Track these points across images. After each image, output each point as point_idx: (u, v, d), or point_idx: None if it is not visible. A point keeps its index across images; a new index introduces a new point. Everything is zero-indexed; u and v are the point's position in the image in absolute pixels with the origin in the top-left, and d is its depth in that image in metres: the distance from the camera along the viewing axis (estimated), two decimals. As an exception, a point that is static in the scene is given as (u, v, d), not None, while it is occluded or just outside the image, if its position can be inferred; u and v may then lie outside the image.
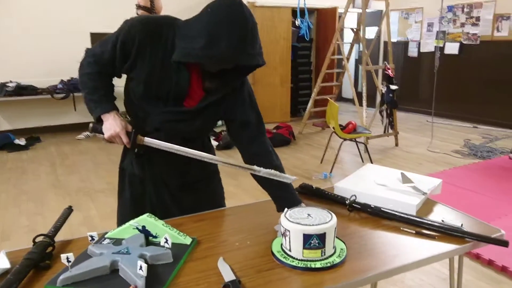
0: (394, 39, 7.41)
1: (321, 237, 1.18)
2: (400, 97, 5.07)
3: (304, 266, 1.18)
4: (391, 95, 4.98)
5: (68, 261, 1.07)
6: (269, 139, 1.58)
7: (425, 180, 1.72)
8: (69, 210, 1.47)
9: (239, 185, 3.76)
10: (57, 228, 1.35)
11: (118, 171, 1.66)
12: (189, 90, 1.42)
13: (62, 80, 6.04)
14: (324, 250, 1.20)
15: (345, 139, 4.14)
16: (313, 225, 1.18)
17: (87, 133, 5.86)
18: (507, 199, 3.41)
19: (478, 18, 6.46)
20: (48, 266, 1.18)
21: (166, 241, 1.19)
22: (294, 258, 1.20)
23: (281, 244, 1.27)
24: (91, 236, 1.26)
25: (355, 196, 1.57)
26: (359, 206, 1.54)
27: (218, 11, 1.24)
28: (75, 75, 6.28)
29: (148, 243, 1.28)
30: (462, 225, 1.41)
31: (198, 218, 1.51)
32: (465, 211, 1.57)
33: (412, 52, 7.74)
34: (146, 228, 1.31)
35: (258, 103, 1.57)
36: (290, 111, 7.30)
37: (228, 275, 1.13)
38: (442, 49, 7.03)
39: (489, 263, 2.46)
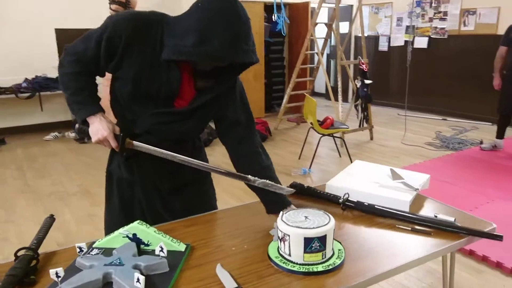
0: (365, 33, 7.50)
1: (322, 240, 1.15)
2: (372, 91, 5.14)
3: (306, 270, 1.14)
4: (365, 89, 5.04)
5: (58, 276, 1.00)
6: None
7: (414, 176, 1.73)
8: (50, 220, 1.38)
9: (218, 184, 3.71)
10: (39, 240, 1.26)
11: (104, 174, 1.57)
12: (180, 90, 1.35)
13: (26, 79, 5.76)
14: (325, 252, 1.17)
15: (323, 135, 4.15)
16: (313, 228, 1.15)
17: (56, 133, 5.63)
18: (482, 190, 3.51)
19: (445, 13, 6.63)
20: (33, 282, 1.10)
21: (162, 250, 1.13)
22: (294, 262, 1.17)
23: (278, 248, 1.23)
24: (79, 248, 1.18)
25: (348, 194, 1.56)
26: (353, 204, 1.53)
27: (210, 6, 1.19)
28: (40, 73, 6.09)
29: (140, 252, 1.22)
30: (455, 220, 1.42)
31: (189, 222, 1.46)
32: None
33: (383, 46, 7.87)
34: (138, 236, 1.24)
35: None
36: (265, 107, 7.27)
37: (229, 283, 1.08)
38: (411, 43, 7.18)
39: (483, 259, 2.49)
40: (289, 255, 1.18)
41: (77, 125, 1.38)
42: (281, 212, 1.25)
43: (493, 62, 4.53)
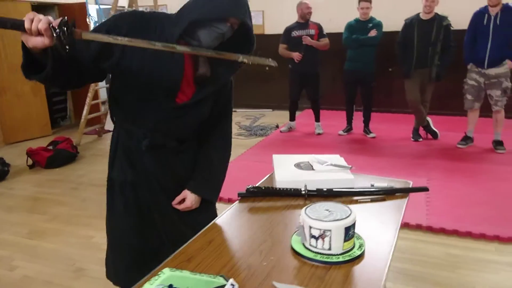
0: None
1: (354, 226, 1.25)
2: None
3: (348, 258, 1.21)
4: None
5: None
6: (51, 158, 1.65)
7: (332, 158, 1.98)
8: None
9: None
10: None
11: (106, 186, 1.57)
12: (181, 86, 1.38)
13: None
14: (355, 237, 1.27)
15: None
16: (346, 217, 1.23)
17: None
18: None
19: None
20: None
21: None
22: (334, 255, 1.22)
23: (308, 247, 1.25)
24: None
25: (306, 185, 1.67)
26: (315, 193, 1.65)
27: None
28: None
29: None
30: (387, 185, 1.74)
31: (201, 243, 1.30)
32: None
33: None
34: (174, 287, 1.03)
35: (7, 118, 1.66)
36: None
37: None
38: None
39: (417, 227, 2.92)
40: (329, 249, 1.22)
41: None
42: (304, 214, 1.26)
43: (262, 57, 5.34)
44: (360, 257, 1.23)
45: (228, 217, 1.55)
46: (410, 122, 5.29)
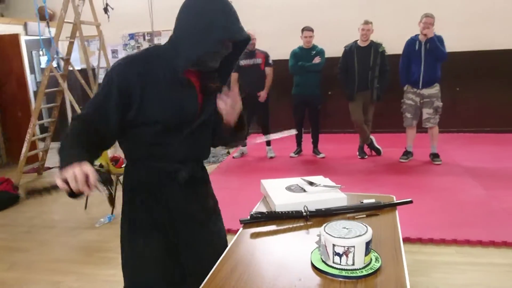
0: (77, 66, 7.21)
1: (371, 240, 1.35)
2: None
3: (371, 271, 1.30)
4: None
5: None
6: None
7: (317, 179, 2.09)
8: None
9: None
10: None
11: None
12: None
13: None
14: (371, 251, 1.37)
15: (120, 174, 3.87)
16: (365, 233, 1.33)
17: None
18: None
19: (160, 45, 7.29)
20: None
21: None
22: (358, 269, 1.31)
23: (333, 265, 1.32)
24: None
25: (306, 207, 1.75)
26: (315, 213, 1.74)
27: (196, 3, 1.29)
28: None
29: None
30: (374, 200, 1.88)
31: (223, 274, 1.30)
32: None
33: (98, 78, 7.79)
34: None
35: None
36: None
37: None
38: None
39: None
40: (353, 264, 1.30)
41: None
42: (324, 232, 1.34)
43: None
44: (379, 268, 1.33)
45: (238, 244, 1.57)
46: (354, 141, 5.64)
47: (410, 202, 1.89)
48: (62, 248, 3.20)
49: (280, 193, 1.94)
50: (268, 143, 5.66)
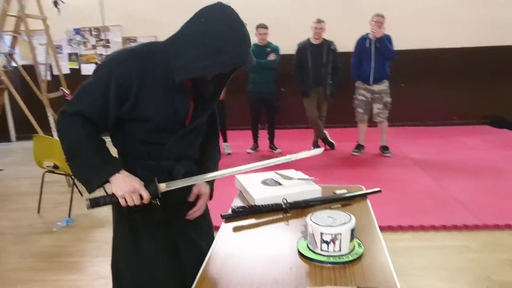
0: (20, 63, 6.79)
1: (355, 227, 1.42)
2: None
3: (355, 257, 1.38)
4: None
5: None
6: None
7: (291, 172, 2.15)
8: None
9: None
10: None
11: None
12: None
13: None
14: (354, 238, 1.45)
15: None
16: (349, 221, 1.40)
17: None
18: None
19: (108, 41, 7.03)
20: None
21: None
22: (344, 255, 1.38)
23: (321, 252, 1.38)
24: None
25: (286, 199, 1.80)
26: (294, 205, 1.79)
27: (214, 18, 1.24)
28: None
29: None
30: (346, 191, 1.97)
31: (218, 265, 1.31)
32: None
33: (45, 75, 7.36)
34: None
35: None
36: None
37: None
38: (78, 70, 7.17)
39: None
40: (340, 250, 1.37)
41: (87, 201, 1.31)
42: (311, 222, 1.39)
43: None
44: (363, 253, 1.41)
45: (223, 239, 1.59)
46: (307, 136, 5.81)
47: (379, 191, 2.01)
48: (19, 256, 3.02)
49: (258, 187, 1.97)
50: (225, 139, 5.68)
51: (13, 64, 4.99)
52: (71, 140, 1.25)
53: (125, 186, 1.27)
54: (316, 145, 5.62)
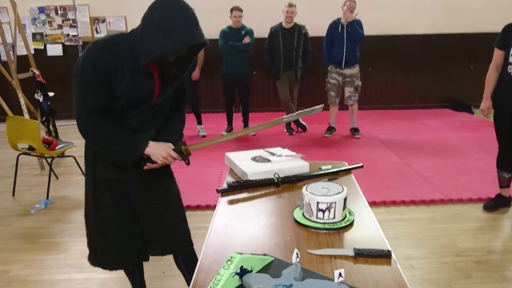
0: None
1: (347, 197, 1.56)
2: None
3: (348, 223, 1.52)
4: (49, 103, 4.65)
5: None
6: None
7: (279, 150, 2.26)
8: None
9: None
10: None
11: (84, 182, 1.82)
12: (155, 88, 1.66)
13: None
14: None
15: (54, 157, 3.65)
16: (342, 191, 1.53)
17: None
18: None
19: (75, 20, 6.78)
20: None
21: (340, 275, 1.14)
22: (338, 221, 1.51)
23: (317, 220, 1.50)
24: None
25: (278, 174, 1.91)
26: (286, 180, 1.91)
27: (165, 6, 1.48)
28: None
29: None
30: (331, 166, 2.11)
31: (220, 234, 1.41)
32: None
33: (4, 56, 7.04)
34: (244, 268, 1.18)
35: None
36: None
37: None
38: (43, 51, 6.92)
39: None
40: (334, 218, 1.51)
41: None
42: (306, 192, 1.51)
43: None
44: (354, 220, 1.55)
45: (222, 211, 1.68)
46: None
47: (361, 166, 2.17)
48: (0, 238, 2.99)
49: (249, 163, 2.07)
50: (199, 121, 5.71)
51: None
52: (101, 135, 1.59)
53: (160, 153, 1.66)
54: (289, 128, 5.76)
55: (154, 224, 1.87)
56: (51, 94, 4.64)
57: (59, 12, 6.85)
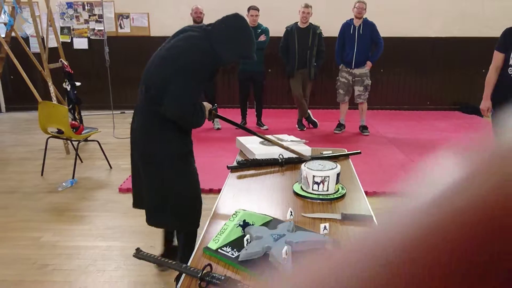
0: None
1: (340, 173, 1.79)
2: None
3: (340, 195, 1.76)
4: (75, 92, 4.98)
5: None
6: None
7: (284, 136, 2.50)
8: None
9: None
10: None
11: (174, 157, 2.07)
12: None
13: None
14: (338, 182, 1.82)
15: (80, 141, 3.97)
16: (335, 167, 1.77)
17: None
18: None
19: (101, 16, 7.14)
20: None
21: (325, 228, 1.40)
22: (330, 194, 1.75)
23: (312, 192, 1.75)
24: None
25: (282, 155, 2.15)
26: (289, 160, 2.15)
27: (235, 24, 2.07)
28: None
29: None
30: (331, 152, 2.35)
31: (229, 201, 1.66)
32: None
33: (35, 48, 7.43)
34: (246, 221, 1.43)
35: None
36: None
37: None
38: (70, 44, 7.28)
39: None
40: (327, 190, 1.74)
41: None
42: (310, 170, 1.75)
43: None
44: (345, 194, 1.79)
45: (232, 183, 1.94)
46: (292, 115, 6.16)
47: (359, 153, 2.40)
48: (29, 210, 3.30)
49: (257, 146, 2.33)
50: (215, 116, 5.98)
51: (26, 32, 5.12)
52: (200, 118, 2.02)
53: (207, 107, 2.18)
54: (300, 124, 5.99)
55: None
56: (78, 84, 4.96)
57: (86, 7, 7.22)
